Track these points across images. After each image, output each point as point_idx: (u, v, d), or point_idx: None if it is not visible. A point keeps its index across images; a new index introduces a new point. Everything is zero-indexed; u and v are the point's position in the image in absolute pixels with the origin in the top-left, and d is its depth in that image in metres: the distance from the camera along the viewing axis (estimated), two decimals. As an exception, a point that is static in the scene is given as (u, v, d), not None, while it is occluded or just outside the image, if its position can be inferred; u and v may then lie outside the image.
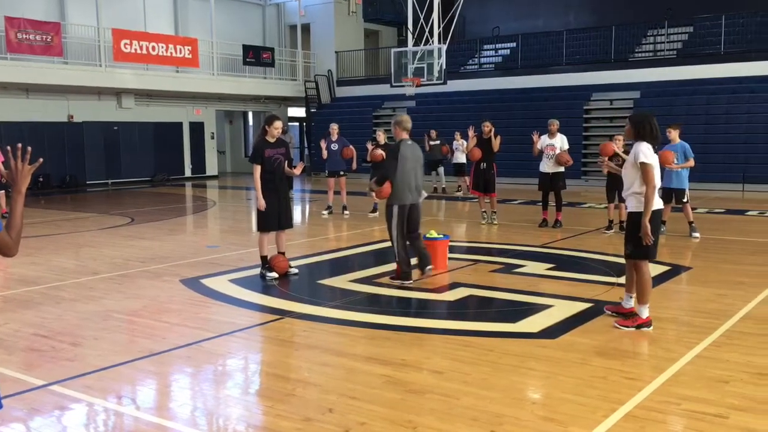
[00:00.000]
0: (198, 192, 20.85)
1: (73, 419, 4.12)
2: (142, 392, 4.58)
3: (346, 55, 27.21)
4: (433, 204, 16.18)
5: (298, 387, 4.55)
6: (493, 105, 22.01)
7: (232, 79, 24.40)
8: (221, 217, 15.25)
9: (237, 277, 7.98)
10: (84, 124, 21.60)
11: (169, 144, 24.30)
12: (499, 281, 7.68)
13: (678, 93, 20.02)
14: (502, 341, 5.45)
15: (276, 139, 7.78)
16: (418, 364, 4.98)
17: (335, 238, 11.43)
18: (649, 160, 5.54)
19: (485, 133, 11.86)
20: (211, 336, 5.70)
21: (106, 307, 6.67)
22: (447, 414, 4.01)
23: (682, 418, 3.95)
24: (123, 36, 20.41)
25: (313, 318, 6.22)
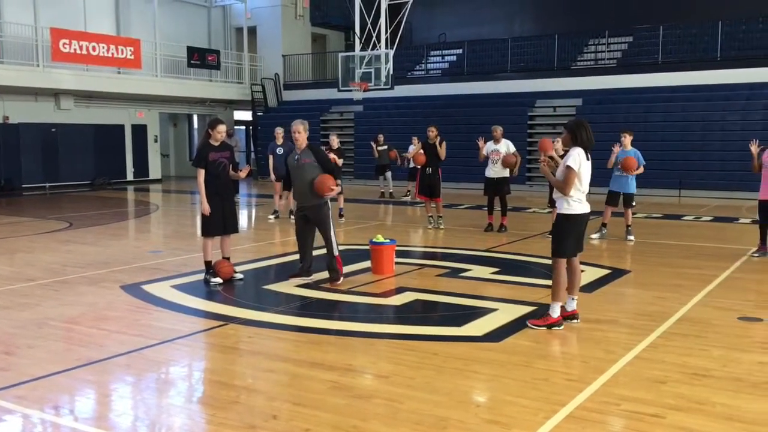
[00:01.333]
0: (140, 196, 20.39)
1: (6, 431, 3.96)
2: (81, 402, 4.44)
3: (293, 58, 27.07)
4: (381, 208, 16.22)
5: (243, 394, 4.49)
6: (440, 110, 22.21)
7: (176, 82, 23.98)
8: (164, 221, 14.94)
9: (180, 282, 7.83)
10: (20, 125, 20.89)
11: (111, 147, 23.70)
12: (445, 285, 7.74)
13: (618, 101, 20.58)
14: (446, 345, 5.48)
15: (220, 143, 7.68)
16: (363, 369, 4.97)
17: (281, 242, 11.33)
18: (575, 166, 5.73)
19: (430, 138, 11.95)
20: (153, 343, 5.57)
21: (42, 314, 6.45)
22: (392, 418, 4.01)
23: (621, 419, 4.04)
24: (62, 35, 19.83)
25: (258, 324, 6.15)
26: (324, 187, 7.33)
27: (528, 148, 20.65)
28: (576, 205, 5.87)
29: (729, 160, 18.03)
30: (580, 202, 5.89)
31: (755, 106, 18.69)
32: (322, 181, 7.33)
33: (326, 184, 7.32)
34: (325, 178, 7.35)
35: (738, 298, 7.03)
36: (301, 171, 7.44)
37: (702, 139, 18.94)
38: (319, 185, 7.33)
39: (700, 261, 9.10)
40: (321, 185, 7.33)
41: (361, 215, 14.25)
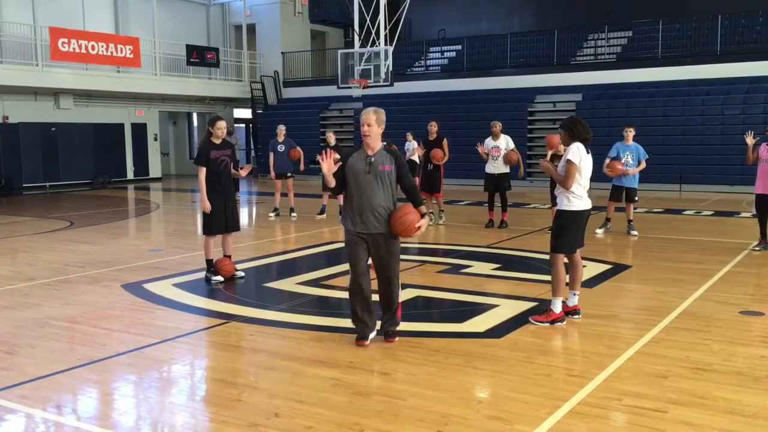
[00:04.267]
0: (141, 195, 20.39)
1: (8, 431, 3.96)
2: (83, 401, 4.45)
3: (292, 56, 27.03)
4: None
5: (245, 392, 4.49)
6: (440, 107, 22.19)
7: (175, 80, 23.96)
8: (165, 220, 14.94)
9: (181, 281, 7.83)
10: (20, 125, 20.88)
11: (110, 146, 23.69)
12: (446, 282, 7.74)
13: (618, 96, 20.55)
14: (448, 341, 5.48)
15: (221, 141, 7.67)
16: (365, 366, 4.97)
17: (282, 240, 11.33)
18: (575, 160, 5.74)
19: (431, 134, 11.96)
20: (154, 342, 5.58)
21: (43, 314, 6.45)
22: (394, 415, 4.01)
23: (623, 414, 4.04)
24: (61, 35, 19.81)
25: (259, 322, 6.15)
26: (411, 227, 5.21)
27: (528, 144, 20.64)
28: (576, 202, 5.87)
29: (729, 155, 18.01)
30: (581, 199, 5.89)
31: (755, 100, 18.67)
32: (408, 219, 5.21)
33: (413, 224, 5.21)
34: (412, 214, 5.24)
35: (739, 292, 7.03)
36: (375, 181, 5.25)
37: (702, 133, 18.92)
38: (404, 225, 5.21)
39: (701, 255, 9.10)
40: (406, 226, 5.21)
41: (362, 212, 14.22)
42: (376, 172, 5.24)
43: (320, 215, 13.33)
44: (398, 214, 5.23)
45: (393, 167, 5.29)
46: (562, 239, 5.93)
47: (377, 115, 5.37)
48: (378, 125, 5.36)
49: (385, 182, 5.26)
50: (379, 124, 5.38)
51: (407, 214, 5.22)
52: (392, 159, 5.32)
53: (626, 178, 10.62)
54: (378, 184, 5.24)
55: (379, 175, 5.24)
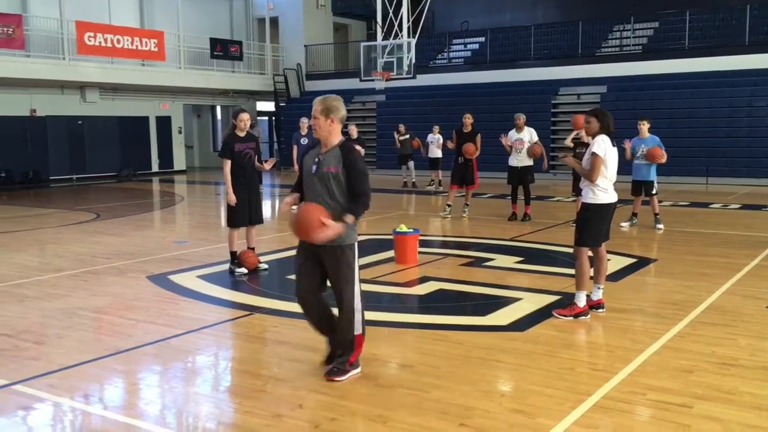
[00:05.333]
0: (165, 187, 20.58)
1: (38, 419, 4.04)
2: (109, 391, 4.51)
3: (315, 48, 27.07)
4: (403, 198, 16.21)
5: (268, 383, 4.52)
6: (462, 99, 22.08)
7: (199, 73, 24.12)
8: (189, 212, 15.08)
9: (205, 273, 7.90)
10: (47, 118, 21.17)
11: (136, 139, 23.94)
12: (469, 275, 7.72)
13: (643, 87, 20.31)
14: (471, 334, 5.48)
15: (246, 134, 7.71)
16: (387, 358, 4.98)
17: (305, 232, 11.35)
18: (601, 152, 5.69)
19: (466, 126, 11.91)
20: (179, 333, 5.64)
21: (71, 304, 6.55)
22: (417, 408, 4.02)
23: (648, 408, 4.01)
24: (87, 28, 20.02)
25: (283, 314, 6.18)
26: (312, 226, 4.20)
27: (552, 137, 20.49)
28: (601, 195, 5.81)
29: (757, 147, 17.73)
30: (606, 192, 5.83)
31: (785, 92, 18.34)
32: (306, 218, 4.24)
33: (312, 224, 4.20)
34: (314, 211, 4.25)
35: (767, 287, 6.92)
36: (320, 184, 4.43)
37: (729, 125, 18.64)
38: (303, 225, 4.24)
39: (727, 249, 8.97)
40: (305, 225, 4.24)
41: (384, 205, 14.25)
42: (321, 173, 4.39)
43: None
44: (302, 214, 4.25)
45: (340, 168, 4.36)
46: (586, 232, 5.88)
47: (324, 105, 4.40)
48: (326, 116, 4.38)
49: (330, 186, 4.35)
50: (328, 115, 4.38)
51: (311, 212, 4.22)
52: (341, 159, 4.37)
53: (643, 172, 10.50)
54: (322, 188, 4.37)
55: (323, 178, 4.37)
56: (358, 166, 4.41)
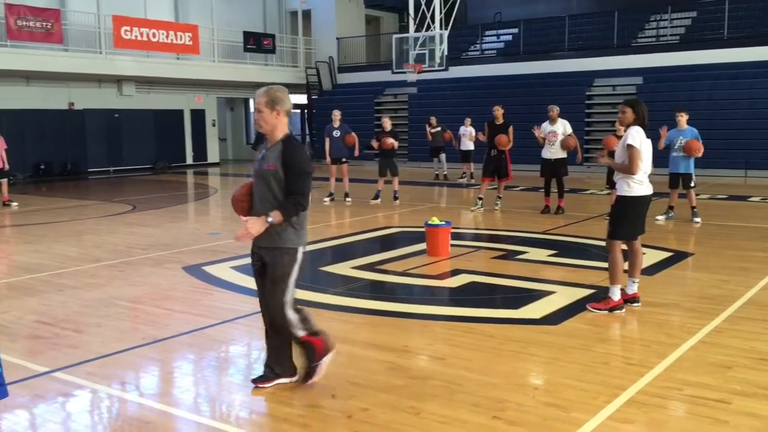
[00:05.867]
0: (199, 179, 20.82)
1: (76, 406, 4.13)
2: (146, 379, 4.60)
3: (347, 41, 27.08)
4: (435, 191, 16.17)
5: (301, 373, 4.55)
6: (495, 91, 21.90)
7: (233, 66, 24.31)
8: (223, 204, 15.22)
9: (239, 264, 7.97)
10: (85, 111, 21.55)
11: (171, 131, 24.25)
12: (501, 268, 7.68)
13: (681, 78, 19.93)
14: (503, 327, 5.45)
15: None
16: (420, 351, 4.99)
17: (337, 225, 11.42)
18: (636, 143, 5.59)
19: (497, 118, 11.83)
20: (214, 323, 5.71)
21: (109, 294, 6.67)
22: (449, 400, 4.02)
23: (684, 404, 3.95)
24: (123, 23, 20.31)
25: (315, 305, 6.21)
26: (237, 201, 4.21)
27: (586, 129, 20.23)
28: (636, 187, 5.72)
29: (799, 139, 17.28)
30: (641, 184, 5.74)
31: (828, 82, 17.84)
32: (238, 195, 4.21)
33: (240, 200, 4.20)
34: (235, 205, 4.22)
35: (808, 282, 6.76)
36: (262, 181, 4.12)
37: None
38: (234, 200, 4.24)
39: (766, 243, 8.78)
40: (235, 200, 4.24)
41: (416, 197, 14.24)
42: (263, 171, 4.08)
43: (375, 200, 13.38)
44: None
45: (278, 165, 4.01)
46: (621, 225, 5.81)
47: (269, 96, 4.06)
48: (271, 108, 4.05)
49: (271, 185, 4.04)
50: (273, 107, 4.05)
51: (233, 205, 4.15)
52: (280, 155, 4.01)
53: (680, 165, 10.32)
54: (264, 188, 4.07)
55: (264, 176, 4.07)
56: (296, 164, 4.00)
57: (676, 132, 10.32)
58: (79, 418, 3.96)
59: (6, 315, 5.94)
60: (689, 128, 10.27)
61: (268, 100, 4.06)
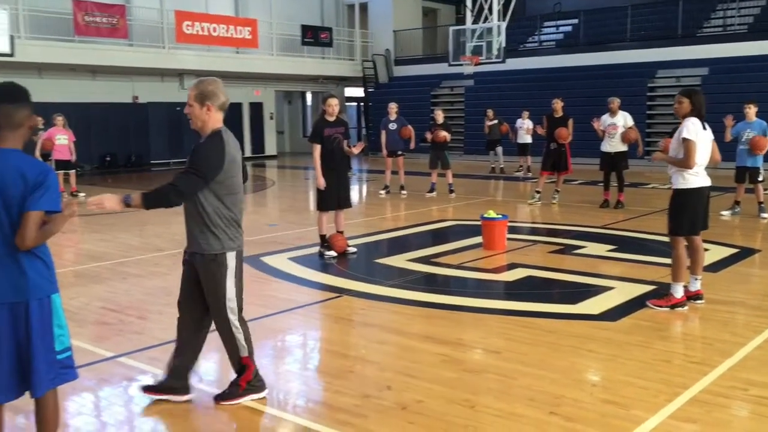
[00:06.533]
0: (257, 171, 21.15)
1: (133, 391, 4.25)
2: (205, 365, 4.71)
3: (404, 34, 27.03)
4: (491, 184, 16.04)
5: (357, 364, 4.60)
6: (553, 83, 21.54)
7: (290, 60, 24.56)
8: (280, 196, 15.46)
9: (296, 255, 8.09)
10: (148, 104, 22.13)
11: (230, 124, 23.77)
12: (558, 262, 7.57)
13: (748, 69, 19.20)
14: (560, 322, 5.38)
15: (335, 119, 7.81)
16: (474, 344, 4.97)
17: (392, 217, 11.45)
18: (692, 136, 5.41)
19: (556, 111, 11.66)
20: (272, 312, 5.81)
21: (170, 282, 6.85)
22: (505, 393, 3.99)
23: (749, 404, 3.83)
24: (185, 18, 20.75)
25: (371, 296, 6.27)
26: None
27: (648, 121, 19.71)
28: (692, 179, 5.53)
29: None
30: (697, 175, 5.55)
31: None
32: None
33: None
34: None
35: None
36: None
37: None
38: None
39: (841, 241, 8.42)
40: None
41: (471, 191, 14.15)
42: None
43: (430, 193, 13.35)
44: None
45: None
46: (679, 220, 5.62)
47: (198, 90, 3.80)
48: (200, 103, 3.81)
49: None
50: (203, 101, 3.80)
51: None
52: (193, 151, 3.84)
53: (747, 158, 9.97)
54: None
55: None
56: (194, 158, 3.78)
57: (744, 124, 9.97)
58: (141, 401, 4.08)
59: (74, 301, 6.16)
60: (758, 121, 9.91)
61: (198, 93, 3.78)
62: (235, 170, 3.82)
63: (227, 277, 3.84)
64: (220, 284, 3.83)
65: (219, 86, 3.84)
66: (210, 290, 3.86)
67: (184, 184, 3.73)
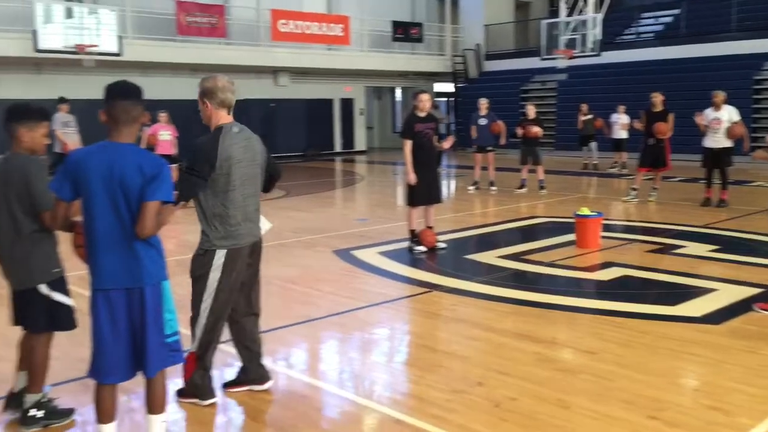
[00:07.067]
0: (347, 167, 21.45)
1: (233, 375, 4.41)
2: (297, 354, 4.84)
3: (495, 28, 26.70)
4: (584, 180, 15.64)
5: (447, 359, 4.61)
6: (651, 77, 20.72)
7: (381, 56, 24.72)
8: (369, 191, 15.61)
9: (386, 249, 8.16)
10: (245, 101, 22.80)
11: (321, 120, 25.14)
12: (656, 262, 7.30)
13: None
14: (659, 324, 5.19)
15: (426, 114, 7.82)
16: (568, 343, 4.87)
17: (482, 213, 11.35)
18: None
19: (656, 105, 11.24)
20: (363, 305, 5.89)
21: (265, 273, 6.95)
22: (600, 395, 3.89)
23: None
24: (280, 16, 21.25)
25: (460, 292, 6.24)
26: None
27: (753, 116, 18.68)
28: None
29: None
30: None
31: None
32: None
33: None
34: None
35: None
36: None
37: None
38: None
39: None
40: None
41: (563, 187, 13.83)
42: None
43: (520, 189, 13.15)
44: None
45: None
46: None
47: (201, 87, 3.82)
48: (201, 100, 3.83)
49: None
50: (203, 98, 3.82)
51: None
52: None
53: None
54: None
55: None
56: (187, 155, 3.87)
57: None
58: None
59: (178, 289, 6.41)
60: None
61: (199, 91, 3.82)
62: (231, 168, 3.74)
63: (209, 273, 3.85)
64: (202, 277, 3.86)
65: (219, 83, 3.81)
66: (193, 280, 3.92)
67: (184, 189, 3.71)
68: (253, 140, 3.97)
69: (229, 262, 3.83)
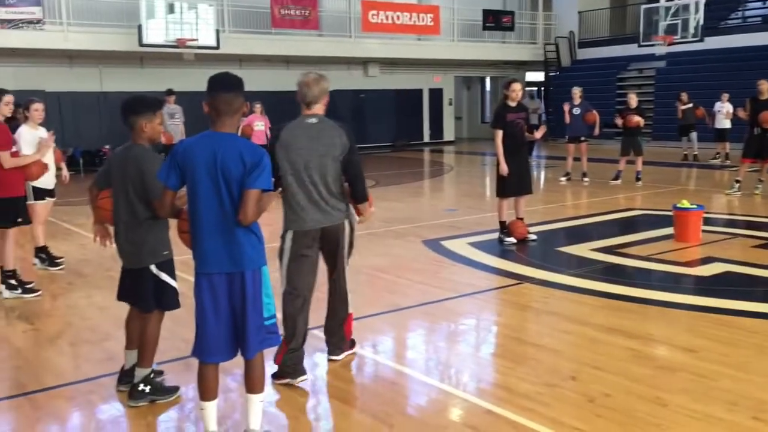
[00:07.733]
0: (435, 157, 21.41)
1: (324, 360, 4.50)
2: (383, 341, 4.90)
3: (589, 14, 25.92)
4: (683, 172, 15.01)
5: (539, 352, 4.54)
6: (758, 63, 19.58)
7: (471, 45, 24.47)
8: (458, 181, 15.54)
9: (475, 240, 8.11)
10: (335, 92, 23.09)
11: (410, 110, 25.18)
12: (763, 258, 6.92)
13: None
14: (767, 323, 4.93)
15: (517, 104, 7.70)
16: (666, 340, 4.71)
17: (574, 205, 11.09)
18: None
19: (762, 93, 10.66)
20: (452, 296, 5.89)
21: (356, 262, 7.08)
22: (702, 395, 3.75)
23: None
24: (371, 7, 21.38)
25: (552, 285, 6.14)
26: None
27: None
28: None
29: None
30: None
31: None
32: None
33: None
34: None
35: None
36: None
37: None
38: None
39: None
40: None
41: (660, 179, 13.32)
42: None
43: (615, 181, 12.76)
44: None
45: None
46: None
47: None
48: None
49: None
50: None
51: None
52: None
53: None
54: None
55: None
56: None
57: None
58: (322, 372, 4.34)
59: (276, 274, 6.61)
60: None
61: None
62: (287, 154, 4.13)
63: (283, 252, 4.36)
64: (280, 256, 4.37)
65: (299, 80, 4.26)
66: None
67: None
68: (326, 131, 4.26)
69: (292, 246, 4.23)
